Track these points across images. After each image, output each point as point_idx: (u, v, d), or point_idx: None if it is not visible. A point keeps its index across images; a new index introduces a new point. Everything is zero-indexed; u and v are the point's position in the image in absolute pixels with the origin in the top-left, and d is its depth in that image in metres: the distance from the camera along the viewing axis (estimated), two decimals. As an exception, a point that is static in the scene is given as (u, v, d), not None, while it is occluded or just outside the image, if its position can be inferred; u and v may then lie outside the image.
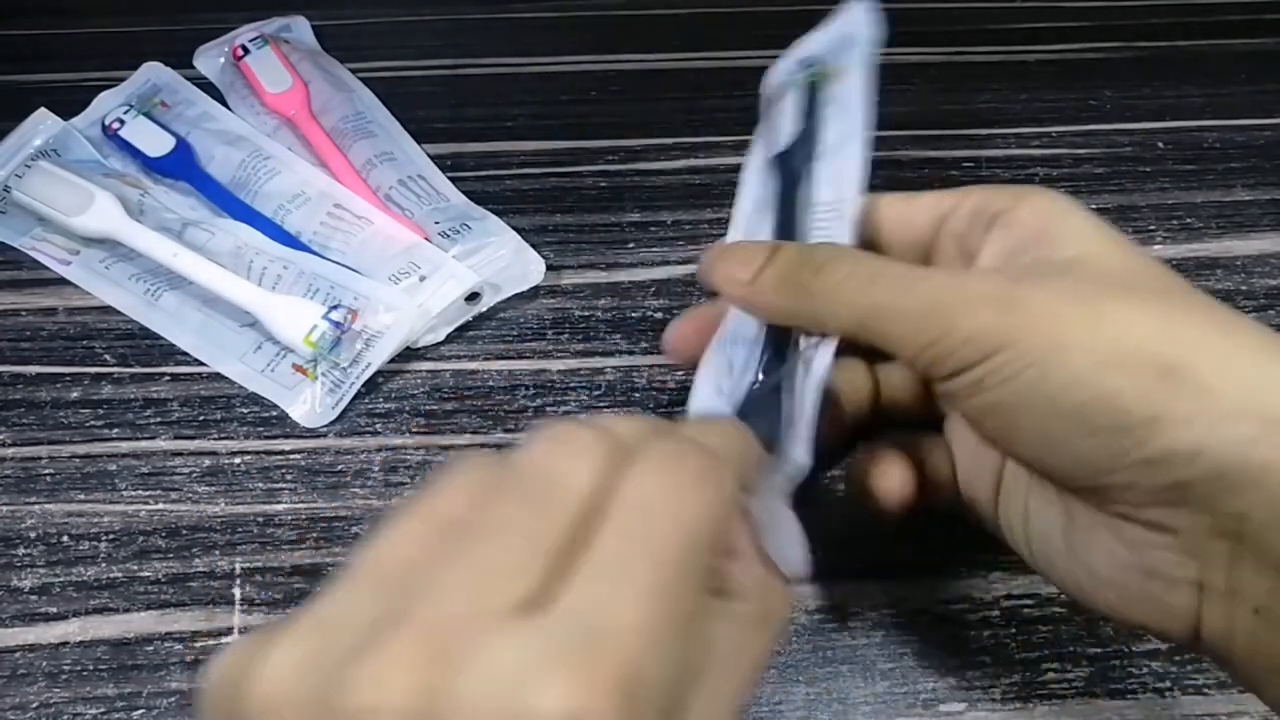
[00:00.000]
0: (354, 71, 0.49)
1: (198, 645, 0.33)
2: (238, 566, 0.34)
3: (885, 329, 0.25)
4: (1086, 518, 0.25)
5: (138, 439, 0.37)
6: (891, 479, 0.29)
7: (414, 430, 0.37)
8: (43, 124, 0.44)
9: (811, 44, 0.34)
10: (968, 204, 0.28)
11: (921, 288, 0.24)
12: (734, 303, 0.28)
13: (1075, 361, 0.23)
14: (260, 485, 0.36)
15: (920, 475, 0.29)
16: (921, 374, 0.25)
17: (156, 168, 0.44)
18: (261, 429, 0.38)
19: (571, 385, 0.38)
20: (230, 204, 0.42)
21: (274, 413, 0.38)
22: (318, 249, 0.41)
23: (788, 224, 0.30)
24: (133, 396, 0.38)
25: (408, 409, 0.38)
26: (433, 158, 0.45)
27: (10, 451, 0.37)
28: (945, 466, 0.30)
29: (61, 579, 0.34)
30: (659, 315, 0.40)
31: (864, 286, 0.25)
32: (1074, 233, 0.25)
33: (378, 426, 0.37)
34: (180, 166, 0.43)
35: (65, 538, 0.35)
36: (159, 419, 0.38)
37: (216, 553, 0.35)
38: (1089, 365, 0.23)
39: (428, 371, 0.39)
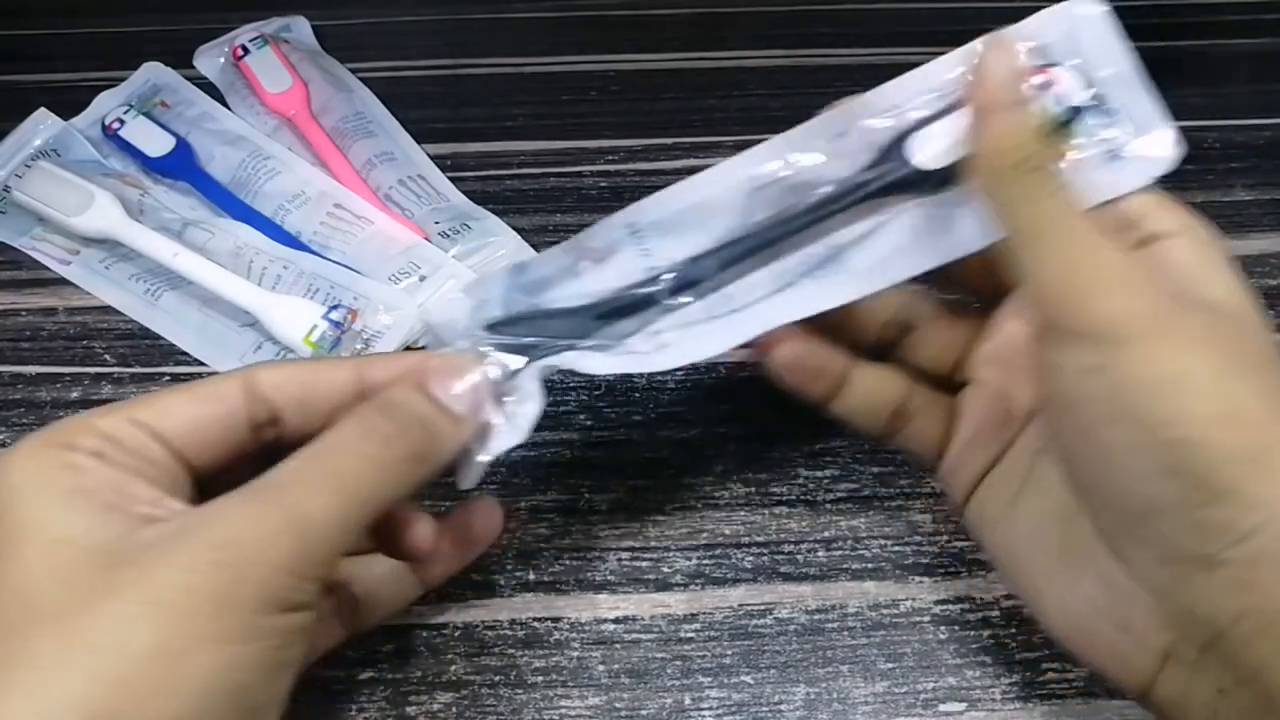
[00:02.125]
0: (354, 71, 0.49)
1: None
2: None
3: (1045, 255, 0.24)
4: (1081, 554, 0.25)
5: (138, 439, 0.37)
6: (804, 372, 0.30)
7: (414, 430, 0.37)
8: (43, 124, 0.44)
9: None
10: (1135, 203, 0.27)
11: (1104, 245, 0.24)
12: (979, 94, 0.26)
13: (1190, 400, 0.22)
14: (260, 485, 0.36)
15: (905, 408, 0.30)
16: (1042, 321, 0.24)
17: (156, 168, 0.44)
18: (261, 429, 0.38)
19: (571, 385, 0.38)
20: (230, 204, 0.42)
21: (274, 413, 0.38)
22: (318, 249, 0.41)
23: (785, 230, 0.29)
24: (133, 396, 0.38)
25: (408, 409, 0.38)
26: (433, 158, 0.45)
27: (10, 451, 0.37)
28: (937, 430, 0.31)
29: (61, 579, 0.34)
30: (659, 315, 0.40)
31: (1055, 210, 0.24)
32: (1222, 279, 0.25)
33: (378, 426, 0.37)
34: (180, 166, 0.43)
35: (65, 538, 0.35)
36: (159, 419, 0.38)
37: (216, 553, 0.35)
38: (1203, 409, 0.22)
39: (428, 371, 0.39)
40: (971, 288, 0.31)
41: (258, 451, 0.26)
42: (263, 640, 0.22)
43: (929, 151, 0.28)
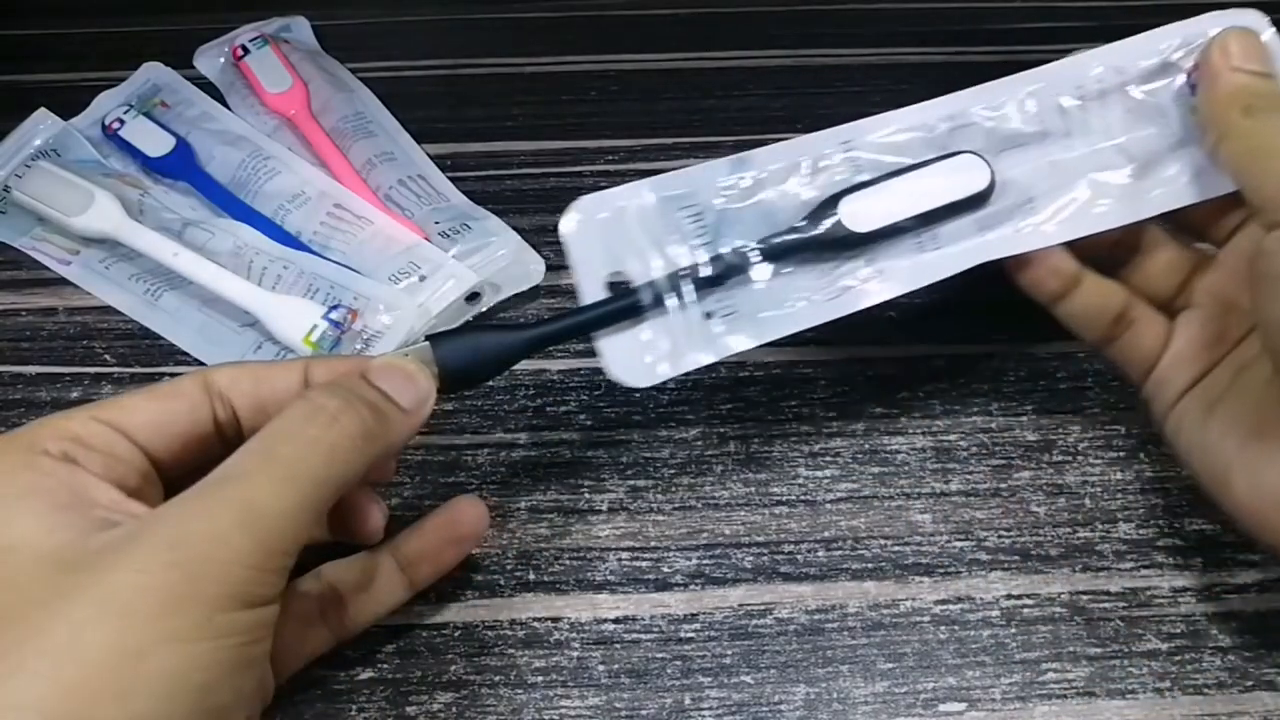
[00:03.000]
0: (354, 71, 0.49)
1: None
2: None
3: (1269, 166, 0.28)
4: (1277, 437, 0.28)
5: (138, 439, 0.37)
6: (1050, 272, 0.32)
7: (414, 430, 0.37)
8: (43, 124, 0.44)
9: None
10: None
11: None
12: (1212, 74, 0.30)
13: None
14: (260, 485, 0.36)
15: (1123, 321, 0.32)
16: (1265, 219, 0.27)
17: (156, 168, 0.44)
18: (261, 429, 0.38)
19: (571, 385, 0.38)
20: (230, 204, 0.42)
21: (274, 413, 0.38)
22: (318, 249, 0.41)
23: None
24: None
25: (408, 409, 0.38)
26: (433, 158, 0.45)
27: (10, 451, 0.37)
28: (1153, 343, 0.32)
29: (61, 579, 0.34)
30: (659, 315, 0.40)
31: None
32: None
33: (378, 426, 0.37)
34: (180, 166, 0.43)
35: (65, 538, 0.35)
36: (159, 419, 0.38)
37: (216, 553, 0.35)
38: None
39: (428, 371, 0.39)
40: (1199, 231, 0.33)
41: (225, 452, 0.26)
42: (223, 638, 0.22)
43: (860, 214, 0.31)
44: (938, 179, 0.32)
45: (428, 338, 0.29)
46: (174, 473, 0.26)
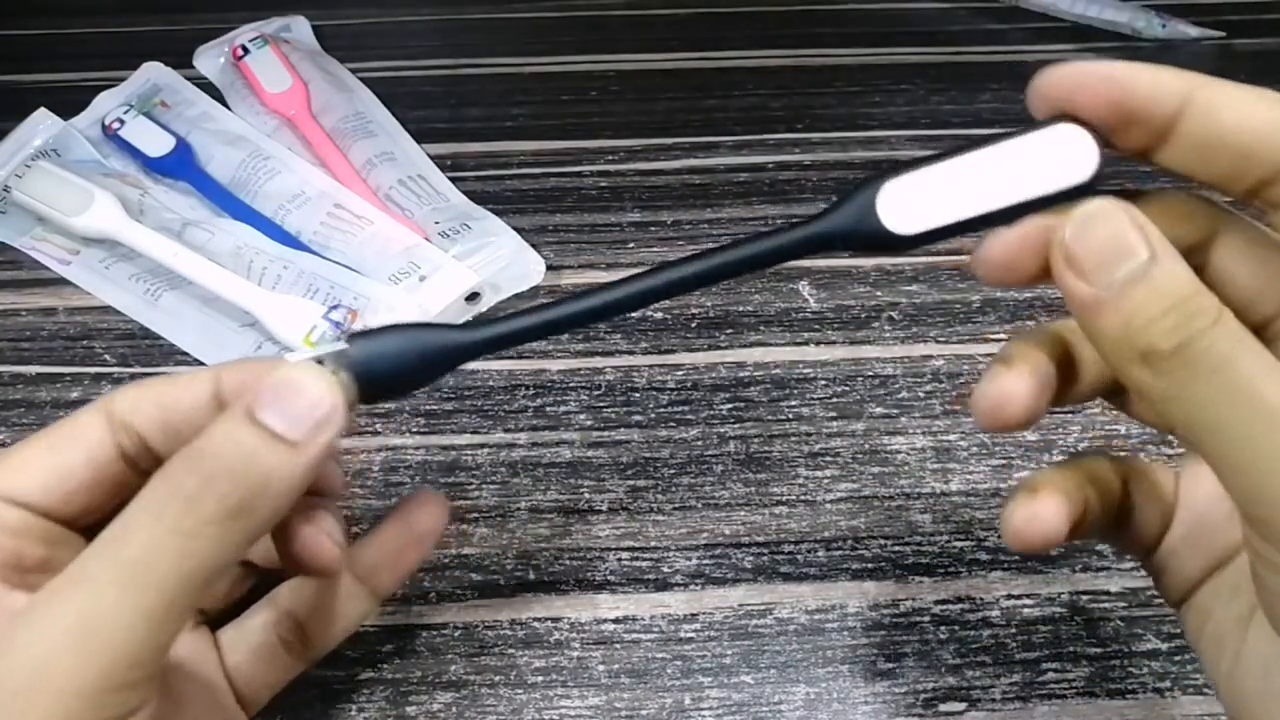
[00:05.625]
0: (354, 71, 0.49)
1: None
2: (238, 566, 0.34)
3: (1241, 448, 0.19)
4: None
5: (138, 439, 0.37)
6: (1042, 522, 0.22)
7: (414, 430, 0.37)
8: (43, 124, 0.44)
9: None
10: None
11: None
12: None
13: None
14: (260, 485, 0.36)
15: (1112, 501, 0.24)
16: (1258, 520, 0.19)
17: (156, 168, 0.44)
18: (261, 429, 0.37)
19: (571, 385, 0.38)
20: (230, 204, 0.42)
21: (274, 413, 0.38)
22: (318, 249, 0.41)
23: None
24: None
25: (408, 409, 0.38)
26: (433, 158, 0.45)
27: (10, 451, 0.37)
28: (1156, 515, 0.25)
29: (61, 579, 0.34)
30: (659, 315, 0.40)
31: (1234, 387, 0.19)
32: None
33: (378, 426, 0.37)
34: (180, 166, 0.44)
35: (65, 538, 0.35)
36: (159, 419, 0.38)
37: (216, 553, 0.35)
38: None
39: (428, 371, 0.39)
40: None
41: (141, 482, 0.23)
42: None
43: (903, 213, 0.23)
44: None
45: (350, 337, 0.24)
46: (90, 519, 0.24)
